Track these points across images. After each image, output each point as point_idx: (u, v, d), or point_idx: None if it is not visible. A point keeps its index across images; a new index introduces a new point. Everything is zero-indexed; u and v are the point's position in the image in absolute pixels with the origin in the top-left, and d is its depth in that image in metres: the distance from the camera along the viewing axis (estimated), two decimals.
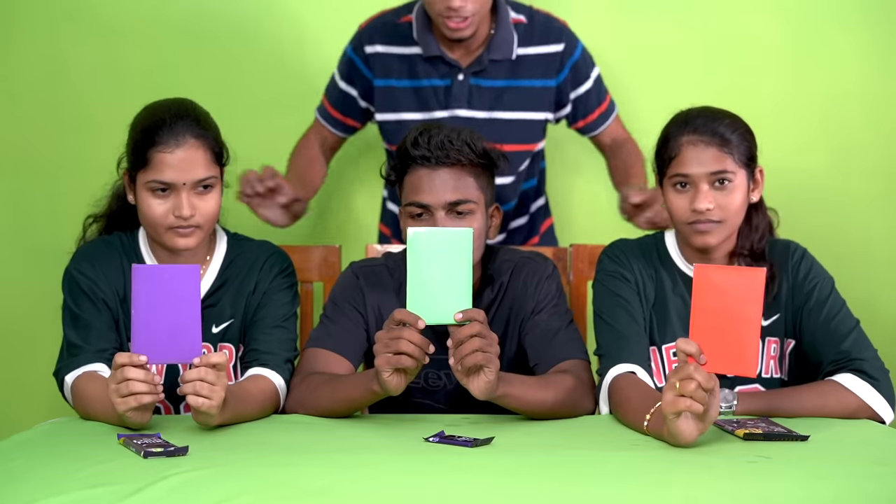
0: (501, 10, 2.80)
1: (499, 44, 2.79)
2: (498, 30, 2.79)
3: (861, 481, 1.81)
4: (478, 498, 1.72)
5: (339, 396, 2.22)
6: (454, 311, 2.03)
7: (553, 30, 2.84)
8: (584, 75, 2.88)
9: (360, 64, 2.84)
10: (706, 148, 2.26)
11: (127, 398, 2.00)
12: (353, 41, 2.86)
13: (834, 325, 2.30)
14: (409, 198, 2.32)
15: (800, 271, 2.36)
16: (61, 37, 3.21)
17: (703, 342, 1.94)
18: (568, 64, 2.83)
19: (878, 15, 3.23)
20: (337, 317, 2.39)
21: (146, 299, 1.99)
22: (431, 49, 2.79)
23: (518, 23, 2.82)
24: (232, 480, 1.76)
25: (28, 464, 1.89)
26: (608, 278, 2.39)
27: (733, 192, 2.27)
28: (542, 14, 2.87)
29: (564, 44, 2.83)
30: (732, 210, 2.27)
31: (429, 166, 2.30)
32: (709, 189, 2.26)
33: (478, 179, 2.33)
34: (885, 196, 3.24)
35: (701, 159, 2.26)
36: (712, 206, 2.25)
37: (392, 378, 2.05)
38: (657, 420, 2.03)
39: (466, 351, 2.02)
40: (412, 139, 2.31)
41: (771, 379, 2.35)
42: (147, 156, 2.25)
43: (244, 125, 2.93)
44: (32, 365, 3.12)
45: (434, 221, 2.29)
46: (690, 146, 2.27)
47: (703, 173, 2.26)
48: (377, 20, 2.86)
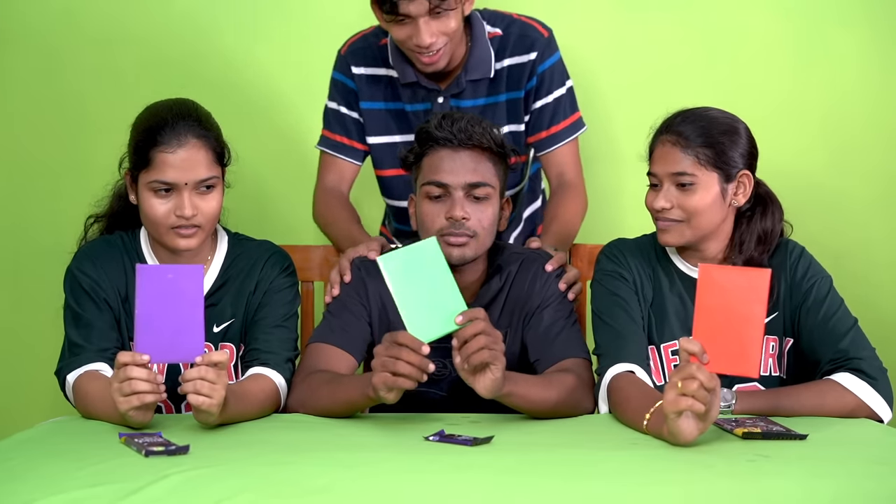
0: (477, 27, 2.72)
1: (476, 64, 2.72)
2: (474, 49, 2.71)
3: (860, 480, 1.82)
4: (477, 497, 1.72)
5: (338, 398, 2.23)
6: (453, 317, 2.04)
7: (527, 39, 2.74)
8: (548, 88, 2.75)
9: (353, 85, 2.78)
10: (671, 148, 2.29)
11: (129, 397, 2.00)
12: (339, 65, 2.79)
13: (832, 324, 2.31)
14: (428, 177, 2.34)
15: (798, 270, 2.36)
16: (60, 37, 3.21)
17: (705, 342, 1.94)
18: (537, 72, 2.73)
19: (879, 14, 3.21)
20: (340, 311, 2.40)
21: (150, 299, 2.00)
22: (408, 76, 2.73)
23: (494, 36, 2.74)
24: (233, 479, 1.76)
25: (29, 462, 1.89)
26: (606, 278, 2.39)
27: (696, 194, 2.28)
28: (520, 23, 2.76)
29: (537, 52, 2.73)
30: (695, 211, 2.28)
31: (451, 147, 2.33)
32: (669, 188, 2.29)
33: (496, 167, 2.36)
34: (884, 196, 3.23)
35: (664, 159, 2.30)
36: (668, 206, 2.29)
37: (388, 394, 2.06)
38: (657, 419, 2.03)
39: (472, 349, 2.03)
40: (436, 122, 2.34)
41: (770, 377, 2.36)
42: (149, 156, 2.26)
43: (244, 125, 2.94)
44: (33, 365, 3.12)
45: (452, 202, 2.31)
46: (660, 146, 2.32)
47: (666, 173, 2.29)
48: (358, 42, 2.80)
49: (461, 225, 2.32)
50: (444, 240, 2.32)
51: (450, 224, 2.32)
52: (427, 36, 2.56)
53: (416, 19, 2.55)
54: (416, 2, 2.53)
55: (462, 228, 2.32)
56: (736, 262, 2.33)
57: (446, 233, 2.32)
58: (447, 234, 2.32)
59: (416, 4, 2.53)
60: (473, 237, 2.34)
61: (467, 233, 2.33)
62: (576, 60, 2.90)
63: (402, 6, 2.53)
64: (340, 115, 2.80)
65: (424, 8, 2.53)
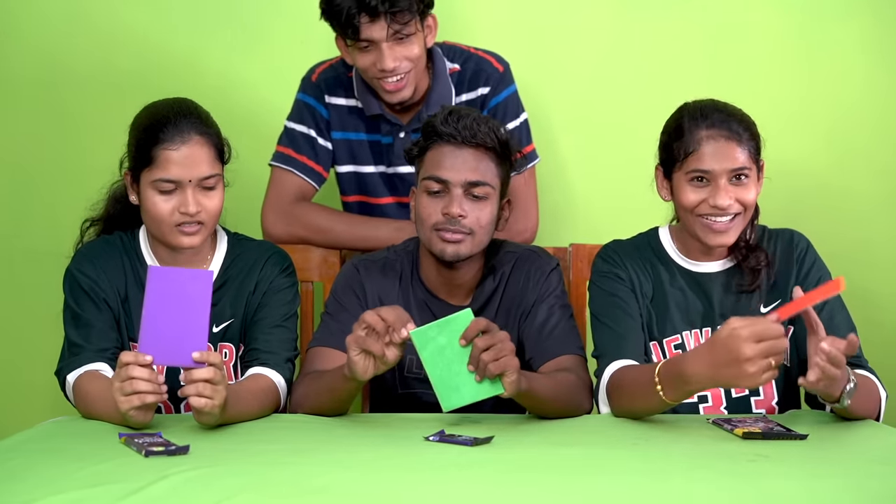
0: (438, 63, 2.78)
1: (437, 99, 2.76)
2: (435, 85, 2.77)
3: (860, 480, 1.81)
4: (477, 496, 1.72)
5: (321, 388, 2.23)
6: (483, 385, 2.04)
7: (482, 74, 2.80)
8: (501, 120, 2.67)
9: (326, 114, 2.80)
10: (726, 143, 2.27)
11: (130, 397, 2.00)
12: (311, 91, 2.82)
13: (834, 325, 2.27)
14: (429, 171, 2.34)
15: (805, 262, 2.36)
16: (59, 39, 3.21)
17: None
18: (489, 106, 2.78)
19: (884, 11, 3.20)
20: (338, 313, 2.40)
21: (157, 300, 2.00)
22: (372, 109, 2.77)
23: (453, 72, 2.80)
24: (233, 479, 1.76)
25: (29, 462, 1.89)
26: (602, 279, 2.39)
27: (749, 187, 2.29)
28: (476, 57, 2.82)
29: (490, 87, 2.79)
30: (749, 203, 2.29)
31: (454, 143, 2.33)
32: (727, 185, 2.27)
33: (498, 167, 2.36)
34: (887, 195, 3.23)
35: (721, 155, 2.27)
36: (733, 201, 2.27)
37: (359, 362, 2.06)
38: (670, 385, 2.06)
39: (484, 365, 2.02)
40: (442, 117, 2.34)
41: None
42: (152, 154, 2.26)
43: (244, 125, 2.94)
44: (33, 365, 3.12)
45: (450, 199, 2.32)
46: (711, 141, 2.27)
47: (724, 169, 2.27)
48: (329, 72, 2.83)
49: (457, 222, 2.32)
50: (438, 235, 2.32)
51: (446, 220, 2.32)
52: (390, 60, 2.63)
53: (379, 44, 2.62)
54: (377, 25, 2.60)
55: (457, 225, 2.32)
56: (741, 243, 2.33)
57: (441, 228, 2.32)
58: (442, 229, 2.32)
59: (378, 28, 2.60)
60: (469, 235, 2.33)
61: (463, 230, 2.32)
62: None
63: (364, 31, 2.61)
64: (310, 138, 2.82)
65: (385, 32, 2.60)
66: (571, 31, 3.20)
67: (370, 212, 2.85)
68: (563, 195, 3.22)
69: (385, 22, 2.60)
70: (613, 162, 3.19)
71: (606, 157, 3.20)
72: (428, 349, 2.04)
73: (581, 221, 3.22)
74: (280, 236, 2.74)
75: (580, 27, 3.19)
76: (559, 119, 3.17)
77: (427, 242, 2.36)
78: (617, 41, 3.22)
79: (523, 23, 3.20)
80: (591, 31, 3.21)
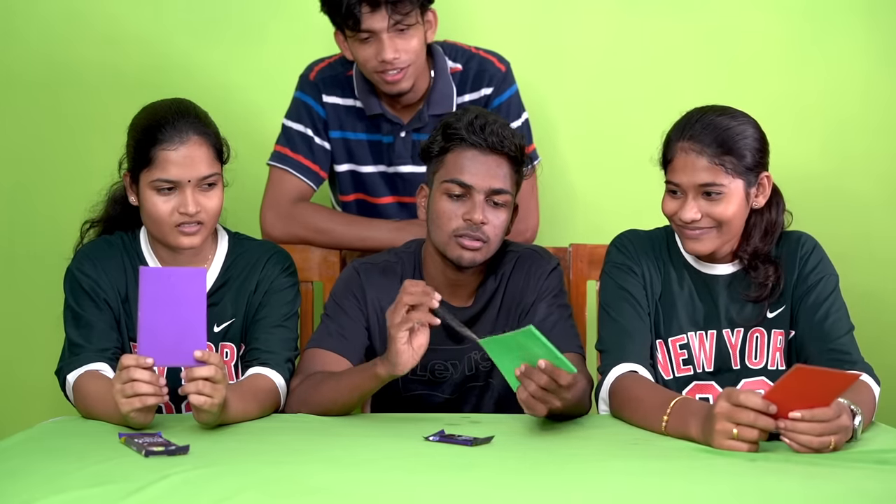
0: (439, 62, 2.78)
1: (438, 99, 2.76)
2: (436, 84, 2.77)
3: (861, 480, 1.81)
4: (477, 496, 1.72)
5: (342, 386, 2.23)
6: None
7: (485, 74, 2.80)
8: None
9: (323, 113, 2.80)
10: (697, 158, 2.24)
11: (132, 399, 2.01)
12: (308, 90, 2.81)
13: (829, 323, 2.28)
14: (451, 174, 2.33)
15: (808, 263, 2.34)
16: (59, 40, 3.21)
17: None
18: (492, 106, 2.78)
19: (882, 14, 3.20)
20: (337, 315, 2.40)
21: (152, 301, 2.00)
22: (373, 108, 2.77)
23: (455, 72, 2.80)
24: (233, 479, 1.76)
25: (29, 462, 1.89)
26: (615, 270, 2.38)
27: (723, 203, 2.24)
28: (478, 58, 2.82)
29: (493, 88, 2.80)
30: (724, 219, 2.25)
31: (479, 149, 2.32)
32: (696, 199, 2.25)
33: (514, 174, 2.36)
34: (888, 195, 3.23)
35: (691, 169, 2.24)
36: (698, 217, 2.25)
37: (405, 352, 2.07)
38: (677, 420, 2.04)
39: (536, 407, 2.02)
40: (467, 121, 2.33)
41: (777, 371, 2.32)
42: (151, 154, 2.26)
43: (243, 125, 2.94)
44: (33, 365, 3.12)
45: (473, 205, 2.31)
46: (683, 154, 2.25)
47: (691, 184, 2.24)
48: (327, 70, 2.82)
49: (478, 228, 2.31)
50: (458, 241, 2.31)
51: (466, 225, 2.31)
52: (390, 51, 2.63)
53: (379, 35, 2.62)
54: (378, 15, 2.60)
55: (478, 232, 2.31)
56: (743, 255, 2.32)
57: (462, 234, 2.32)
58: (463, 235, 2.31)
59: (378, 18, 2.60)
60: (486, 242, 2.33)
61: (482, 237, 2.32)
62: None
63: (365, 21, 2.61)
64: (307, 138, 2.81)
65: (386, 22, 2.60)
66: (572, 31, 3.20)
67: (370, 211, 2.85)
68: (564, 195, 3.21)
69: (386, 12, 2.60)
70: (614, 162, 3.19)
71: (607, 157, 3.20)
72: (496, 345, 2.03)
73: (581, 221, 3.22)
74: (279, 236, 2.73)
75: (580, 27, 3.19)
76: (559, 119, 3.17)
77: (443, 246, 2.35)
78: (617, 41, 3.22)
79: (524, 22, 3.20)
80: (592, 31, 3.21)
